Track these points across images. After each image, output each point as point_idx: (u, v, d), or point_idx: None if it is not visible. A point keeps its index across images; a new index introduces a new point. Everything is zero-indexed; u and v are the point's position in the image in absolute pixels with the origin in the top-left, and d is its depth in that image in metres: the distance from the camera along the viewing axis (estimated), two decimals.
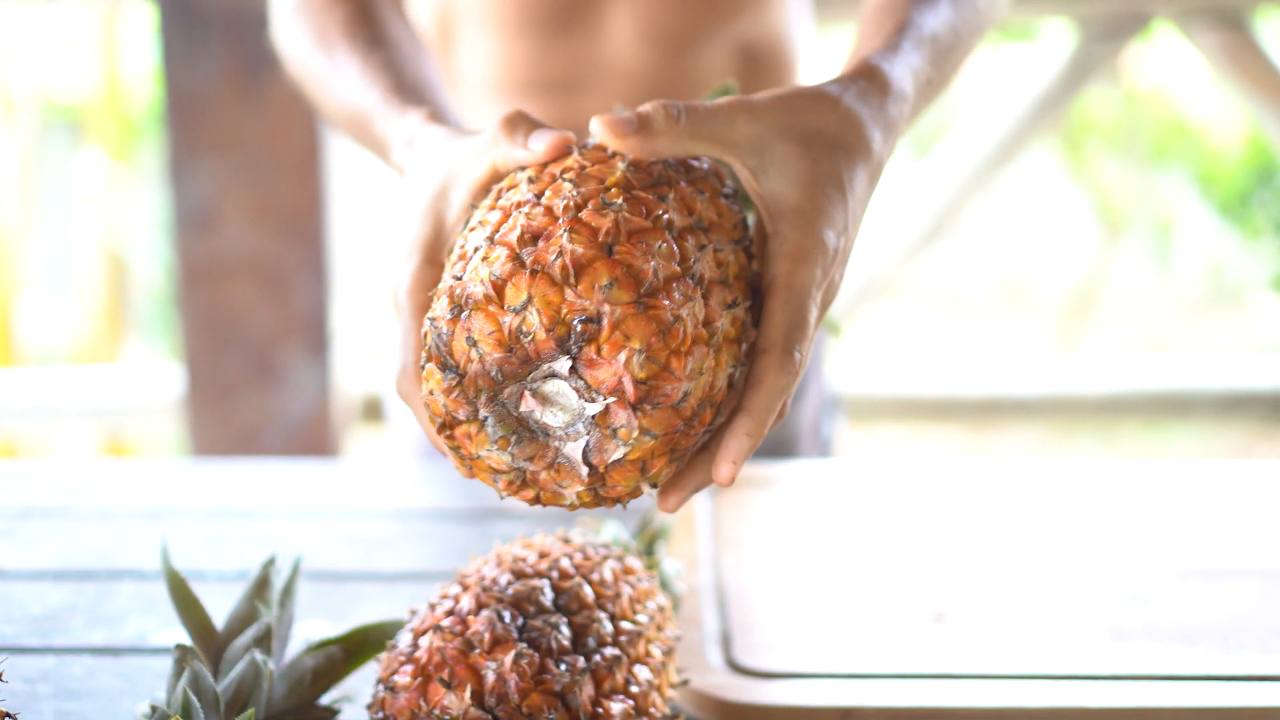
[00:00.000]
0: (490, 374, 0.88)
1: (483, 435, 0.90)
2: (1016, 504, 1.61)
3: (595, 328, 0.87)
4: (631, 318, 0.87)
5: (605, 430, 0.88)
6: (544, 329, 0.87)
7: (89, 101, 5.63)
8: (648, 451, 0.90)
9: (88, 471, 1.72)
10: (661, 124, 0.98)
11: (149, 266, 5.95)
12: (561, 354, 0.87)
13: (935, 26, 1.21)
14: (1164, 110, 7.46)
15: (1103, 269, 7.47)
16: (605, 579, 1.05)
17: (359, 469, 1.74)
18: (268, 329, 3.20)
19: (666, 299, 0.89)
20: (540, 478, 0.91)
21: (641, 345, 0.87)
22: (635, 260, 0.89)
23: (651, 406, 0.88)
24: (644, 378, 0.87)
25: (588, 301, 0.87)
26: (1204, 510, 1.59)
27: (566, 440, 0.89)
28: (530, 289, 0.88)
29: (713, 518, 1.53)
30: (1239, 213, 7.43)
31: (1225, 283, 7.61)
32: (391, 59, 1.28)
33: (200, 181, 3.09)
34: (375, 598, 1.38)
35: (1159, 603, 1.35)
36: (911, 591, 1.37)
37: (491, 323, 0.88)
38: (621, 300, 0.87)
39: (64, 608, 1.36)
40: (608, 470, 0.90)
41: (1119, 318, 7.34)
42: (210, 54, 3.02)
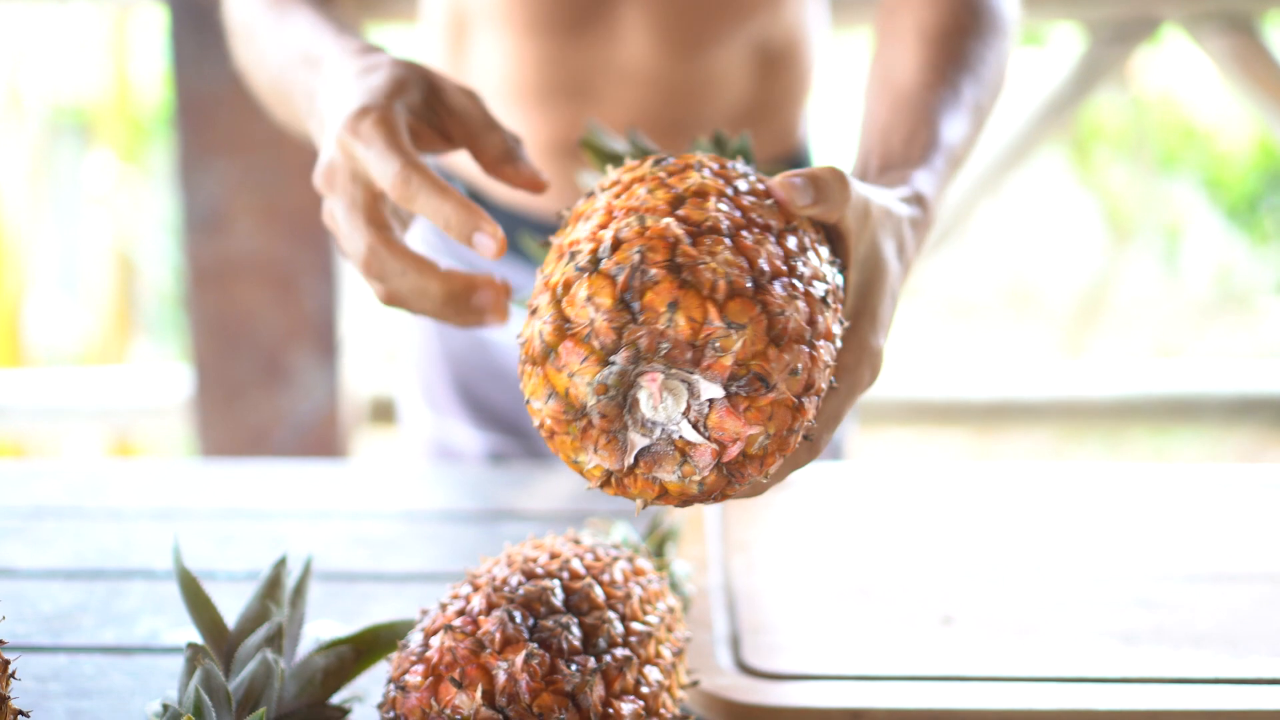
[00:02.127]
0: (659, 345, 0.87)
1: (590, 366, 0.88)
2: (1025, 507, 1.61)
3: (761, 388, 0.87)
4: (786, 410, 0.88)
5: (677, 455, 0.88)
6: (738, 360, 0.86)
7: (98, 104, 5.64)
8: (682, 492, 0.90)
9: (98, 471, 1.72)
10: (841, 193, 0.99)
11: (158, 268, 5.96)
12: (724, 383, 0.86)
13: (958, 145, 1.26)
14: (1172, 115, 7.46)
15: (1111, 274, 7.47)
16: (616, 580, 1.05)
17: (368, 470, 1.74)
18: (276, 331, 3.20)
19: (813, 399, 0.90)
20: (586, 429, 0.89)
21: (772, 434, 0.87)
22: (818, 360, 0.90)
23: (726, 474, 0.88)
24: (748, 455, 0.88)
25: (795, 363, 0.88)
26: (1212, 514, 1.59)
27: (638, 433, 0.88)
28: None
29: (722, 520, 1.54)
30: (1247, 218, 7.43)
31: (1233, 288, 7.61)
32: (340, 20, 1.31)
33: (210, 183, 3.10)
34: (385, 598, 1.38)
35: (1168, 606, 1.35)
36: (920, 594, 1.37)
37: (699, 312, 0.86)
38: (794, 388, 0.88)
39: (75, 607, 1.36)
40: (638, 477, 0.89)
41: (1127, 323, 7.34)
42: (221, 57, 3.01)
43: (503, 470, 1.74)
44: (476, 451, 1.91)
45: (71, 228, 6.00)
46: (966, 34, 1.36)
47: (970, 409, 3.66)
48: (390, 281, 1.08)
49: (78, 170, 5.96)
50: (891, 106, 1.28)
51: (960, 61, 1.33)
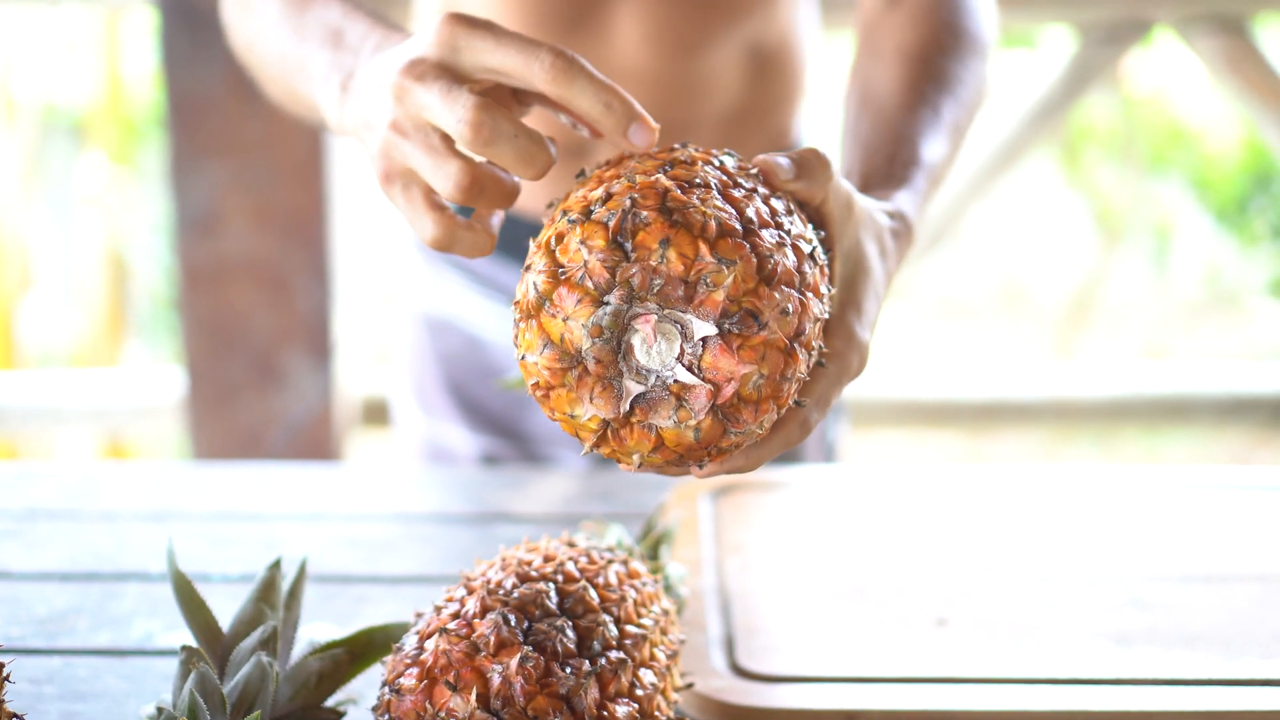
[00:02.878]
0: (652, 282, 0.88)
1: (584, 308, 0.88)
2: (1019, 509, 1.61)
3: (753, 326, 0.88)
4: (778, 352, 0.89)
5: (672, 400, 0.89)
6: (729, 295, 0.88)
7: (90, 105, 5.63)
8: (678, 440, 0.90)
9: (92, 473, 1.72)
10: (825, 173, 1.01)
11: (150, 269, 5.95)
12: (717, 320, 0.88)
13: (937, 164, 1.29)
14: (1161, 116, 7.47)
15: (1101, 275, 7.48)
16: (610, 582, 1.06)
17: (362, 472, 1.74)
18: (269, 332, 3.21)
19: (804, 351, 0.91)
20: (582, 377, 0.90)
21: (765, 375, 0.89)
22: (808, 308, 0.92)
23: (721, 418, 0.89)
24: (743, 398, 0.89)
25: (786, 304, 0.89)
26: (1205, 515, 1.59)
27: (633, 380, 0.89)
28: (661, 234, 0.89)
29: (715, 522, 1.54)
30: (1236, 219, 7.44)
31: (1223, 288, 7.62)
32: (374, 10, 1.25)
33: (202, 185, 3.10)
34: (379, 600, 1.38)
35: (1161, 607, 1.35)
36: (915, 596, 1.38)
37: (691, 249, 0.88)
38: (786, 329, 0.89)
39: (69, 609, 1.36)
40: (634, 426, 0.90)
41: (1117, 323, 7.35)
42: (212, 57, 3.02)
43: (496, 472, 1.74)
44: (470, 453, 1.91)
45: (64, 229, 6.00)
46: (946, 55, 1.39)
47: (962, 409, 3.67)
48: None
49: (70, 171, 5.95)
50: (873, 125, 1.31)
51: (940, 82, 1.36)
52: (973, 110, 1.41)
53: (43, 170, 5.73)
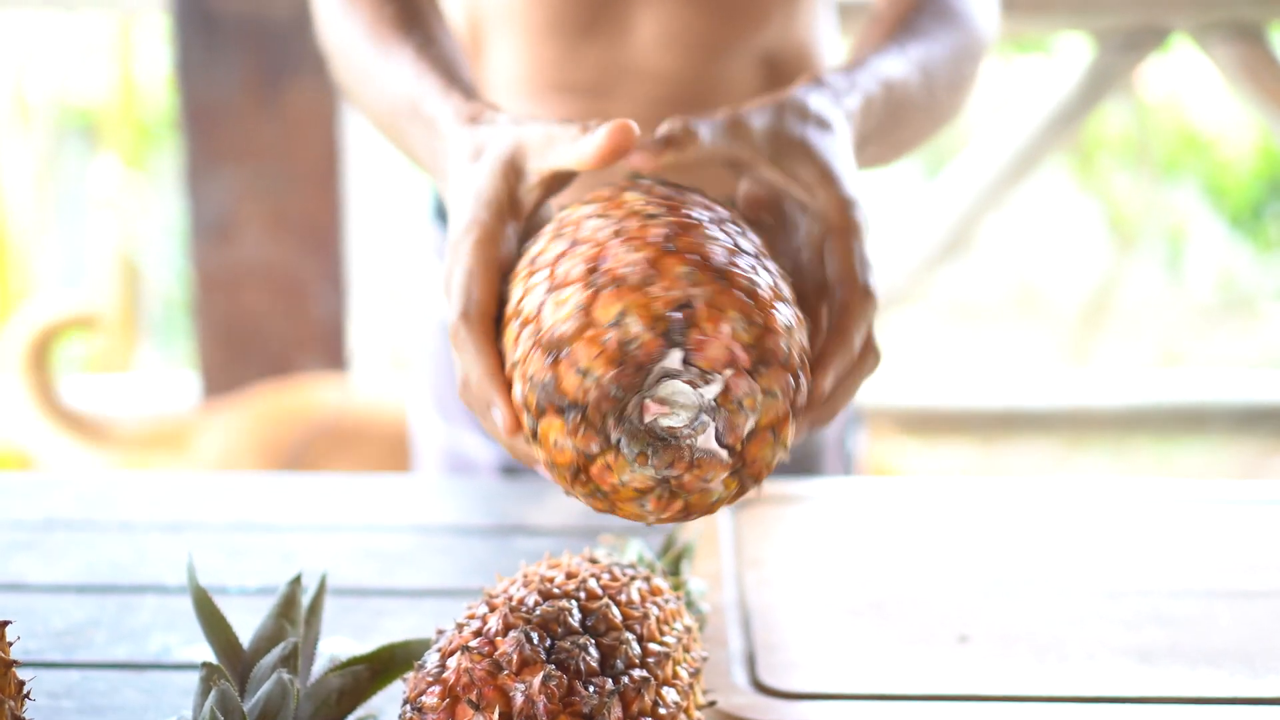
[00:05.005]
0: (610, 394, 0.91)
1: (621, 459, 0.92)
2: (1038, 521, 1.60)
3: (691, 311, 0.90)
4: (719, 293, 0.91)
5: (731, 406, 0.91)
6: (647, 329, 0.90)
7: (104, 107, 5.64)
8: (775, 414, 0.93)
9: (108, 483, 1.72)
10: (691, 138, 1.07)
11: (163, 273, 5.95)
12: (670, 347, 0.90)
13: (890, 75, 1.30)
14: (1175, 122, 7.45)
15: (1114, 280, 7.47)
16: (633, 600, 1.05)
17: (379, 483, 1.74)
18: (284, 339, 3.21)
19: (739, 270, 0.94)
20: (685, 480, 0.93)
21: (737, 313, 0.91)
22: (698, 246, 0.94)
23: (765, 367, 0.92)
24: (750, 341, 0.91)
25: (676, 292, 0.91)
26: (1225, 529, 1.59)
27: (696, 435, 0.92)
28: (619, 301, 0.91)
29: (735, 535, 1.53)
30: (1250, 224, 7.42)
31: (1237, 294, 7.60)
32: (443, 56, 1.31)
33: (218, 191, 3.10)
34: (398, 613, 1.38)
35: (1184, 623, 1.34)
36: (936, 611, 1.37)
37: (594, 346, 0.91)
38: (703, 281, 0.92)
39: (87, 622, 1.36)
40: (745, 446, 0.93)
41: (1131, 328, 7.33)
42: (228, 63, 3.02)
43: (515, 483, 1.74)
44: (489, 461, 1.91)
45: (77, 232, 6.00)
46: (919, 11, 1.44)
47: (974, 418, 3.67)
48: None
49: (83, 175, 5.96)
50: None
51: (911, 29, 1.41)
52: (948, 65, 1.43)
53: (56, 173, 5.74)
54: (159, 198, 5.98)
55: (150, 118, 5.97)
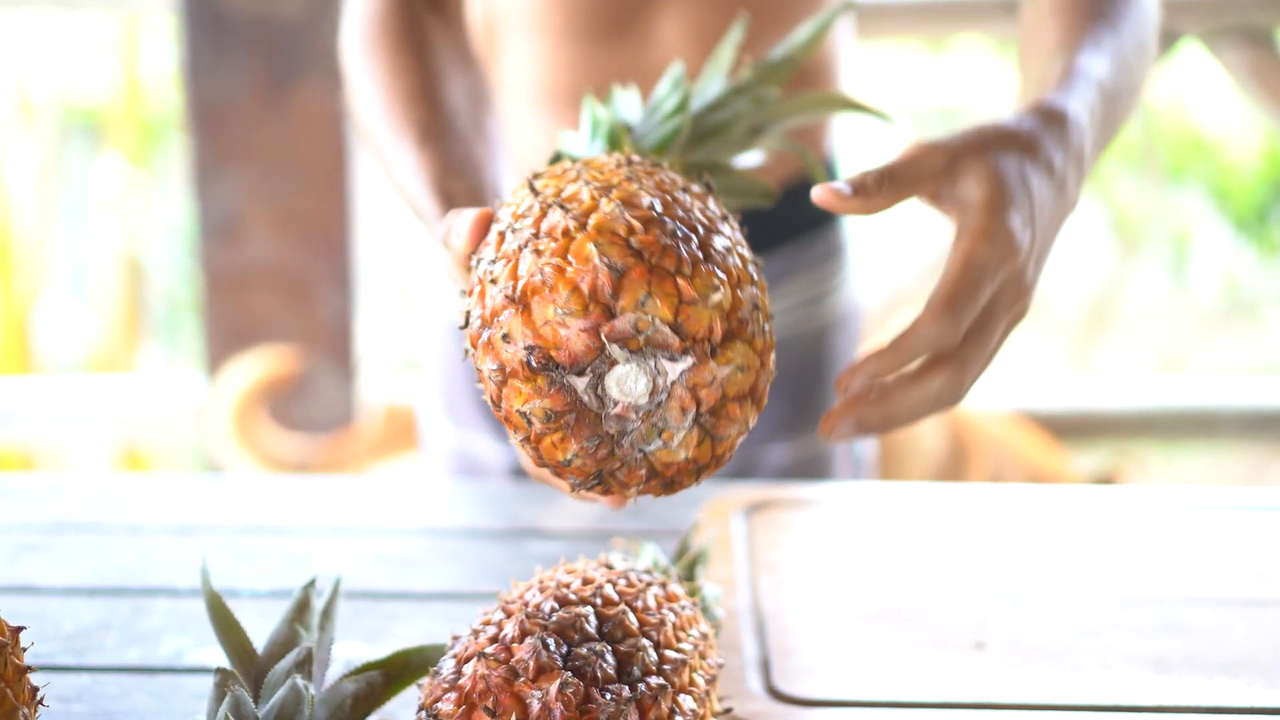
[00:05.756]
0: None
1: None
2: (1053, 529, 1.60)
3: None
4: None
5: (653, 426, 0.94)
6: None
7: (108, 105, 5.63)
8: (667, 464, 0.96)
9: (118, 486, 1.71)
10: (873, 189, 1.07)
11: (167, 273, 5.95)
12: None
13: (1098, 73, 1.26)
14: (1180, 125, 7.45)
15: (1118, 284, 7.46)
16: (649, 606, 1.04)
17: (389, 486, 1.73)
18: (291, 339, 3.20)
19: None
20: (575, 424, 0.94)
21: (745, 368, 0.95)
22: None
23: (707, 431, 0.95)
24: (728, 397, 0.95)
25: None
26: (1238, 537, 1.58)
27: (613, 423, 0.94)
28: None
29: (748, 540, 1.53)
30: (1256, 228, 7.42)
31: (1241, 298, 7.59)
32: (441, 151, 1.29)
33: (225, 191, 3.10)
34: (409, 617, 1.37)
35: (1199, 632, 1.34)
36: (950, 619, 1.36)
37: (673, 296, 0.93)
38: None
39: (98, 625, 1.35)
40: (624, 462, 0.95)
41: (1134, 332, 7.33)
42: (235, 64, 3.02)
43: (525, 486, 1.73)
44: (499, 464, 1.90)
45: (81, 232, 6.00)
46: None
47: None
48: None
49: (87, 174, 5.95)
50: (1029, 76, 1.31)
51: (1096, 17, 1.35)
52: (1137, 42, 1.37)
53: (60, 172, 5.73)
54: (163, 197, 5.98)
55: (155, 117, 5.97)
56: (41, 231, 5.29)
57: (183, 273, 5.63)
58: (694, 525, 1.36)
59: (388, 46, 1.43)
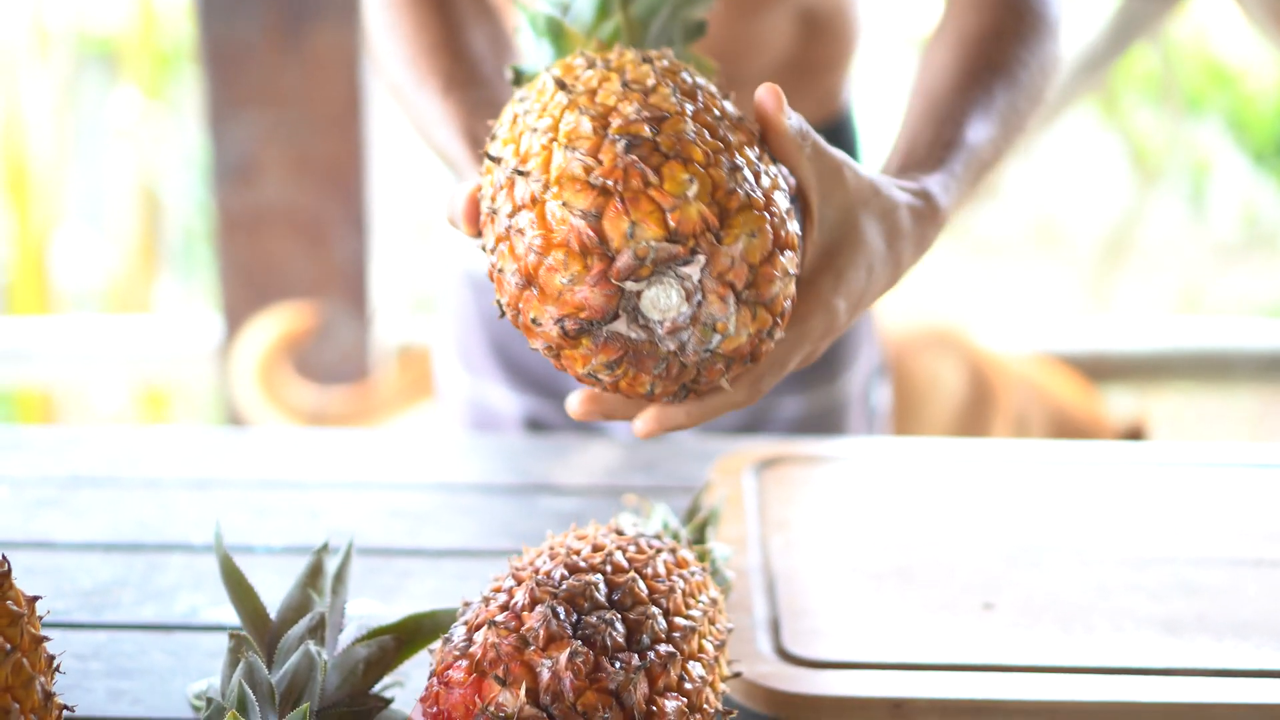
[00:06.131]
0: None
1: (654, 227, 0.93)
2: (1064, 485, 1.60)
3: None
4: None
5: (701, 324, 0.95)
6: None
7: (124, 34, 5.61)
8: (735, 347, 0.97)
9: (134, 439, 1.72)
10: (795, 127, 1.04)
11: (183, 205, 5.95)
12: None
13: (982, 147, 1.25)
14: (1200, 56, 7.40)
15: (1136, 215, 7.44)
16: (659, 573, 1.05)
17: (404, 440, 1.74)
18: (306, 281, 3.21)
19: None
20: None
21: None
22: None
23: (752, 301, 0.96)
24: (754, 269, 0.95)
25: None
26: (1250, 495, 1.58)
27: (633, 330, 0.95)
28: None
29: (759, 497, 1.53)
30: (1274, 160, 7.39)
31: (1260, 230, 7.58)
32: (466, 100, 1.30)
33: (240, 134, 3.09)
34: (422, 574, 1.38)
35: (1210, 592, 1.34)
36: (961, 578, 1.37)
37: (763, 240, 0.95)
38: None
39: (114, 581, 1.36)
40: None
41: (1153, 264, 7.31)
42: (250, 6, 3.01)
43: (539, 440, 1.74)
44: (513, 413, 1.91)
45: (97, 163, 5.99)
46: (1005, 37, 1.35)
47: None
48: None
49: (103, 104, 5.94)
50: (922, 112, 1.29)
51: (996, 65, 1.32)
52: (1034, 93, 1.36)
53: (76, 103, 5.72)
54: (179, 128, 5.97)
55: (170, 47, 5.95)
56: (58, 162, 5.29)
57: (199, 204, 5.63)
58: (705, 485, 1.36)
59: (409, 1, 1.43)
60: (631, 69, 1.02)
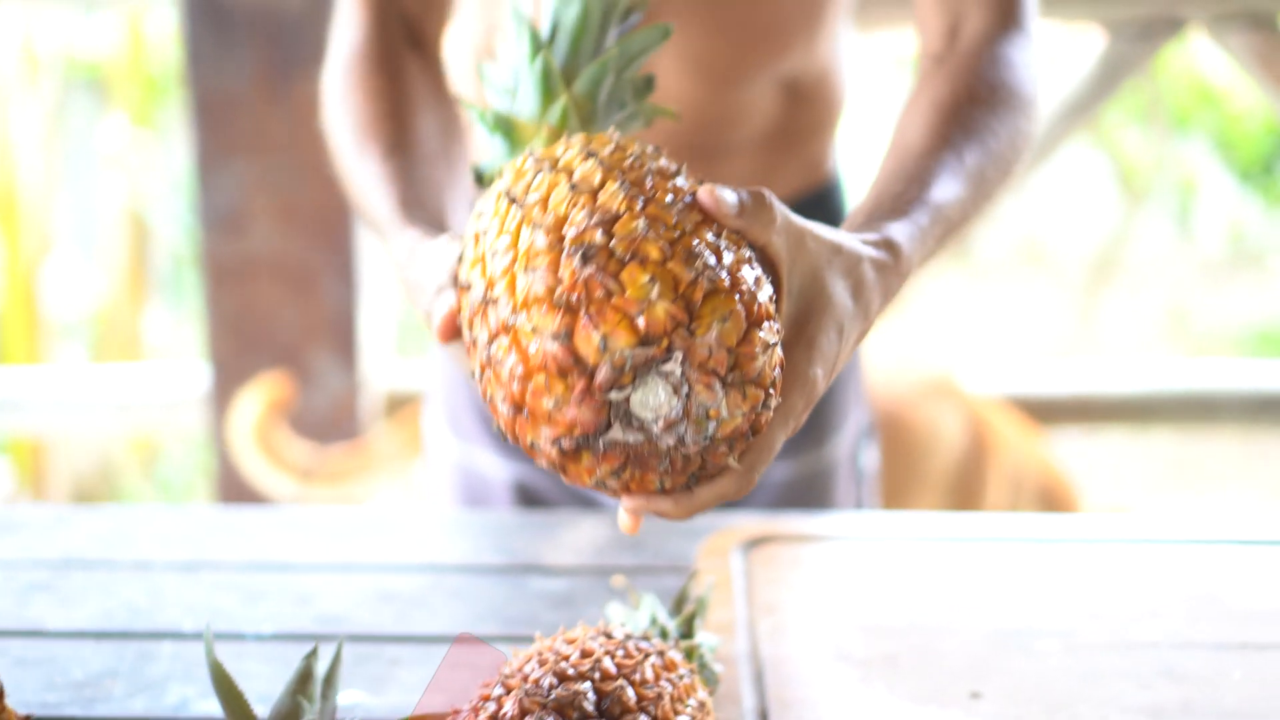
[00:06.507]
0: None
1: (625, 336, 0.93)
2: (1051, 563, 1.61)
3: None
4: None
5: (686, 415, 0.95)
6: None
7: (112, 59, 5.62)
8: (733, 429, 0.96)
9: (124, 519, 1.73)
10: (768, 215, 1.03)
11: (170, 229, 5.95)
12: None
13: (949, 205, 1.26)
14: (1187, 74, 7.43)
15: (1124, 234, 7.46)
16: (647, 679, 1.05)
17: (391, 518, 1.74)
18: (294, 329, 3.22)
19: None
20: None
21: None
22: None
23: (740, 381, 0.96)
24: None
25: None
26: (1237, 571, 1.59)
27: (624, 431, 0.95)
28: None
29: (747, 579, 1.54)
30: (1261, 178, 7.42)
31: (1246, 248, 7.60)
32: (404, 166, 1.33)
33: (228, 183, 3.10)
34: (412, 663, 1.38)
35: (1194, 679, 1.35)
36: (949, 666, 1.37)
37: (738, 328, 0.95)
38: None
39: (105, 671, 1.36)
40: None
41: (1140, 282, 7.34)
42: (238, 56, 3.02)
43: (528, 516, 1.74)
44: (503, 479, 1.91)
45: (86, 188, 6.00)
46: (977, 104, 1.36)
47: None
48: None
49: (91, 131, 5.94)
50: (891, 170, 1.30)
51: (967, 129, 1.33)
52: (1003, 160, 1.37)
53: (64, 129, 5.72)
54: (166, 153, 5.97)
55: (159, 73, 5.95)
56: (46, 189, 5.29)
57: (186, 228, 5.63)
58: (692, 574, 1.37)
59: (365, 71, 1.47)
60: (579, 164, 1.02)
